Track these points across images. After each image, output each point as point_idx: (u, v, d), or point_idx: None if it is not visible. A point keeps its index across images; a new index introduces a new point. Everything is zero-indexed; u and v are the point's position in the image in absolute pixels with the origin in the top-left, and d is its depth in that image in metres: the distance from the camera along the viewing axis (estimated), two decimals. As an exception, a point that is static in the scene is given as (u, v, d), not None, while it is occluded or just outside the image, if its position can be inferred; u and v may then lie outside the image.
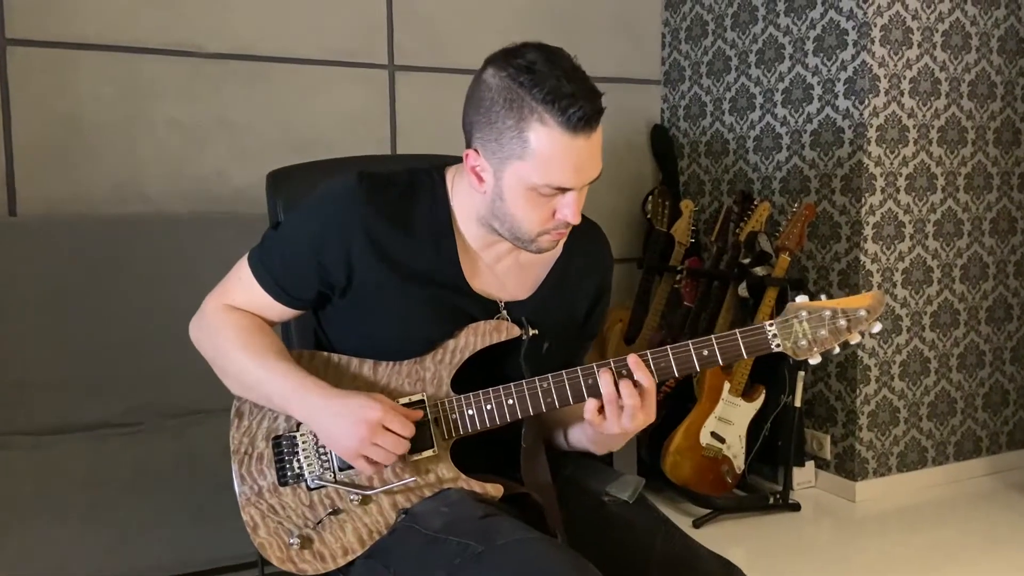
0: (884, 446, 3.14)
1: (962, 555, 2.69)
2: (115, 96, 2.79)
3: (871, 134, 2.97)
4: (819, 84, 3.10)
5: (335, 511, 1.28)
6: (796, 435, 3.02)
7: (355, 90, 3.16)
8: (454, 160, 1.37)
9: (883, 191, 3.02)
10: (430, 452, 1.28)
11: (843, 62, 3.01)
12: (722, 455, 2.97)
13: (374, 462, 1.24)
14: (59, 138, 2.73)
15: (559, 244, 1.34)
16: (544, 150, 1.18)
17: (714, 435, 2.95)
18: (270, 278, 1.33)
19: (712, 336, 1.25)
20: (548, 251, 1.32)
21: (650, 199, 3.51)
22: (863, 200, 2.99)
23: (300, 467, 1.30)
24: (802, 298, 1.27)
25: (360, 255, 1.28)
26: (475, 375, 1.31)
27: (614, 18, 3.64)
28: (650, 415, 1.25)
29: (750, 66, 3.38)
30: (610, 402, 1.23)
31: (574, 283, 1.42)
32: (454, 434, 1.29)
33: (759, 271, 3.01)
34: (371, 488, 1.28)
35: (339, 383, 1.30)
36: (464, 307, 1.33)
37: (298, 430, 1.31)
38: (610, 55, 3.65)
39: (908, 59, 3.01)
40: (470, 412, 1.29)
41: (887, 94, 2.98)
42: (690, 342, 1.25)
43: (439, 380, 1.30)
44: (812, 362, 1.27)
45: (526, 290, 1.38)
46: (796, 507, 3.00)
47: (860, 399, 3.07)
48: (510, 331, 1.32)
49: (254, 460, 1.31)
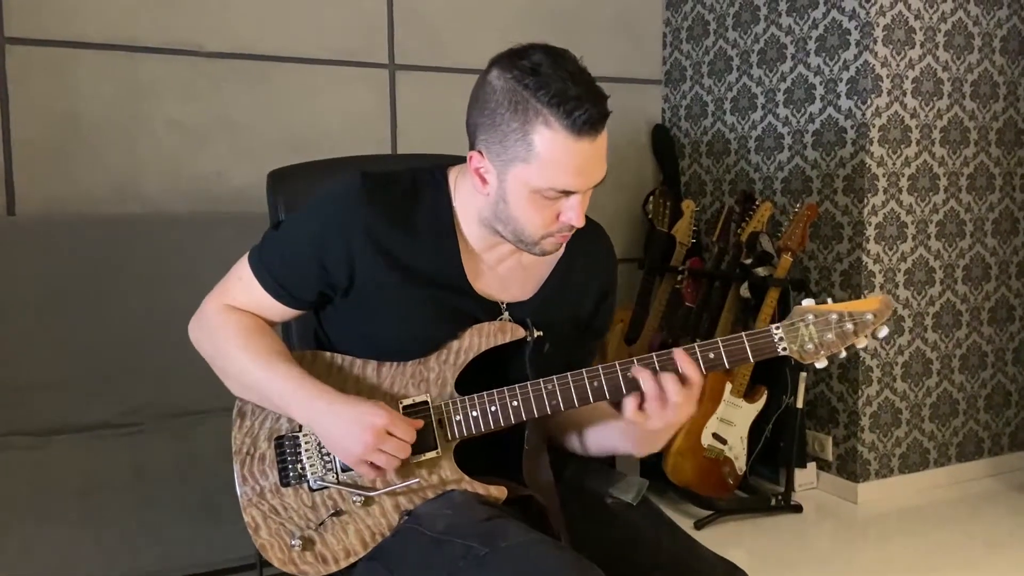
0: (886, 447, 3.13)
1: (964, 557, 2.68)
2: (114, 95, 2.78)
3: (873, 134, 2.96)
4: (821, 84, 3.09)
5: (337, 512, 1.27)
6: (798, 436, 3.01)
7: (356, 90, 3.15)
8: (457, 160, 1.36)
9: (885, 191, 3.01)
10: (433, 453, 1.27)
11: (845, 62, 3.00)
12: (724, 456, 2.96)
13: (377, 468, 1.23)
14: (58, 137, 2.72)
15: (563, 246, 1.33)
16: (549, 153, 1.17)
17: (716, 436, 2.94)
18: (271, 278, 1.32)
19: (718, 339, 1.23)
20: (552, 253, 1.31)
21: (651, 199, 3.50)
22: (865, 200, 2.98)
23: (302, 468, 1.29)
24: (808, 301, 1.26)
25: (362, 256, 1.27)
26: (479, 377, 1.30)
27: (615, 17, 3.63)
28: (693, 407, 1.24)
29: (752, 66, 3.37)
30: (654, 398, 1.21)
31: (577, 283, 1.41)
32: (457, 436, 1.28)
33: (761, 271, 3.00)
34: (374, 489, 1.27)
35: (342, 384, 1.29)
36: (466, 308, 1.32)
37: (300, 431, 1.30)
38: (611, 55, 3.64)
39: (911, 59, 3.00)
40: (474, 414, 1.27)
41: (889, 94, 2.97)
42: (696, 344, 1.24)
43: (443, 381, 1.29)
44: (819, 366, 1.26)
45: (528, 291, 1.37)
46: (798, 509, 2.99)
47: (862, 400, 3.06)
48: (515, 332, 1.31)
49: (256, 461, 1.30)
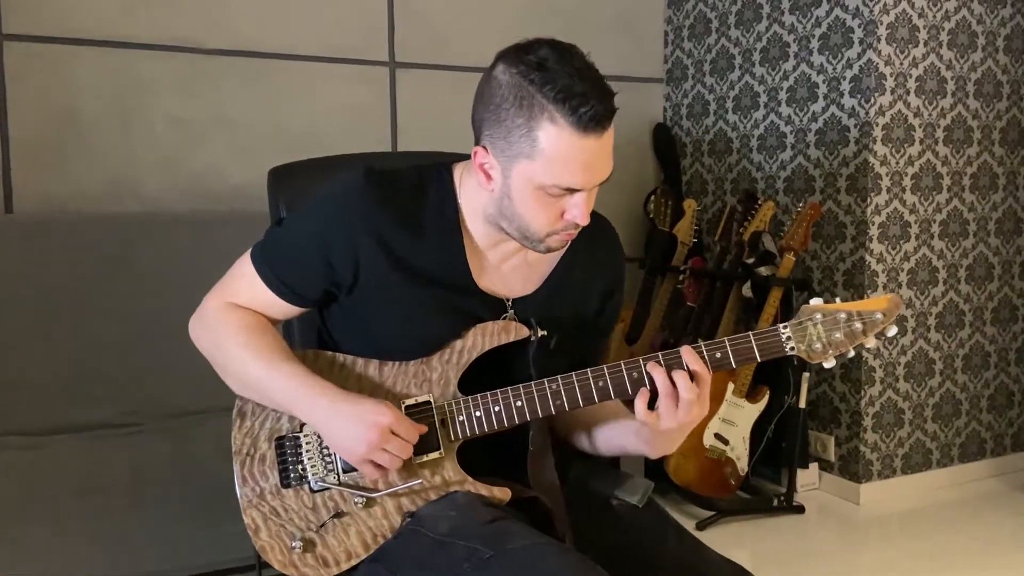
0: (888, 448, 3.11)
1: (967, 558, 2.67)
2: (113, 92, 2.76)
3: (877, 133, 2.94)
4: (824, 83, 3.08)
5: (339, 514, 1.25)
6: (800, 437, 2.99)
7: (356, 87, 3.13)
8: (462, 157, 1.34)
9: (888, 191, 2.99)
10: (436, 454, 1.26)
11: (849, 60, 2.98)
12: (725, 457, 2.94)
13: (380, 467, 1.22)
14: (56, 134, 2.70)
15: (568, 244, 1.31)
16: (553, 150, 1.15)
17: (718, 436, 2.93)
18: (274, 276, 1.30)
19: (724, 338, 1.22)
20: (557, 251, 1.30)
21: (652, 198, 3.48)
22: (868, 200, 2.96)
23: (303, 469, 1.27)
24: (816, 300, 1.24)
25: (367, 254, 1.26)
26: (482, 376, 1.28)
27: (616, 16, 3.61)
28: (704, 406, 1.22)
29: (754, 64, 3.35)
30: (666, 396, 1.20)
31: (582, 278, 1.39)
32: (460, 436, 1.27)
33: (763, 271, 2.98)
34: (376, 490, 1.25)
35: (344, 383, 1.27)
36: (471, 307, 1.30)
37: (301, 431, 1.29)
38: (612, 53, 3.62)
39: (914, 57, 2.98)
40: (477, 414, 1.26)
41: (893, 93, 2.96)
42: (703, 343, 1.22)
43: (446, 381, 1.28)
44: (826, 366, 1.24)
45: (532, 286, 1.35)
46: (800, 509, 2.98)
47: (865, 400, 3.05)
48: (518, 332, 1.29)
49: (256, 461, 1.28)
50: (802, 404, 2.95)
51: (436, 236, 1.29)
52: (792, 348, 1.22)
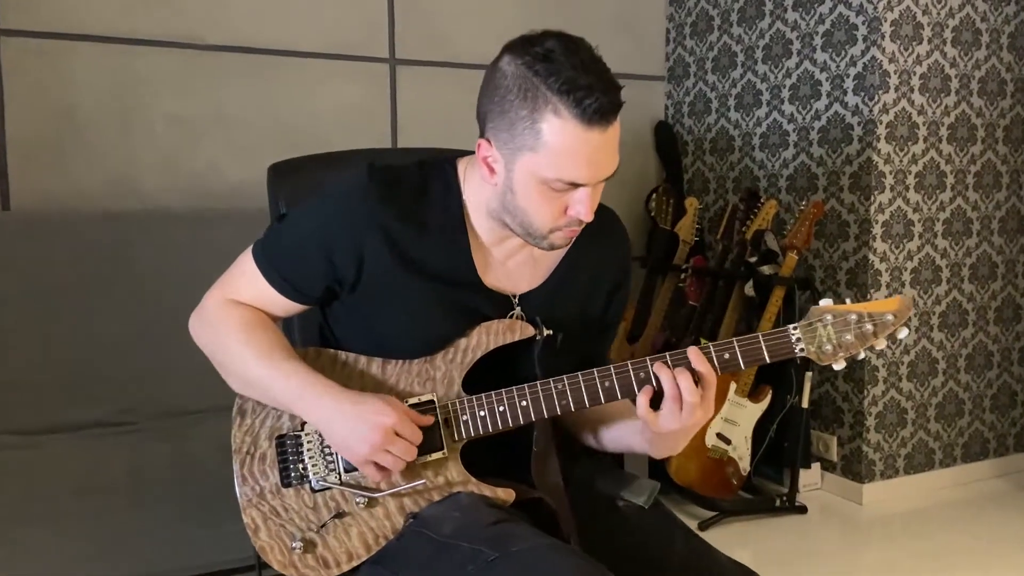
0: (891, 448, 3.10)
1: (970, 558, 2.65)
2: (110, 88, 2.74)
3: (881, 131, 2.93)
4: (828, 80, 3.06)
5: (340, 514, 1.23)
6: (803, 436, 2.97)
7: (355, 84, 3.11)
8: (467, 152, 1.33)
9: (892, 189, 2.98)
10: (439, 454, 1.24)
11: (852, 57, 2.96)
12: (727, 457, 2.92)
13: (383, 468, 1.20)
14: (53, 131, 2.68)
15: (572, 241, 1.29)
16: (557, 143, 1.13)
17: (720, 436, 2.91)
18: (275, 272, 1.28)
19: (733, 339, 1.20)
20: (561, 247, 1.27)
21: (654, 197, 3.46)
22: (872, 198, 2.95)
23: (304, 468, 1.25)
24: (826, 301, 1.23)
25: (371, 252, 1.24)
26: (487, 375, 1.26)
27: (617, 13, 3.59)
28: (708, 410, 1.20)
29: (757, 62, 3.33)
30: (671, 398, 1.18)
31: (589, 272, 1.37)
32: (464, 436, 1.25)
33: (766, 270, 2.96)
34: (378, 491, 1.23)
35: (346, 382, 1.25)
36: (476, 304, 1.28)
37: (303, 429, 1.27)
38: (613, 51, 3.52)
39: (918, 55, 2.96)
40: (481, 414, 1.24)
41: (897, 90, 2.94)
42: (711, 344, 1.20)
43: (450, 380, 1.26)
44: (836, 368, 1.22)
45: (538, 281, 1.33)
46: (802, 510, 2.96)
47: (867, 400, 3.03)
48: (524, 331, 1.27)
49: (256, 460, 1.26)
50: (805, 404, 2.93)
51: (440, 233, 1.27)
52: (802, 349, 1.20)
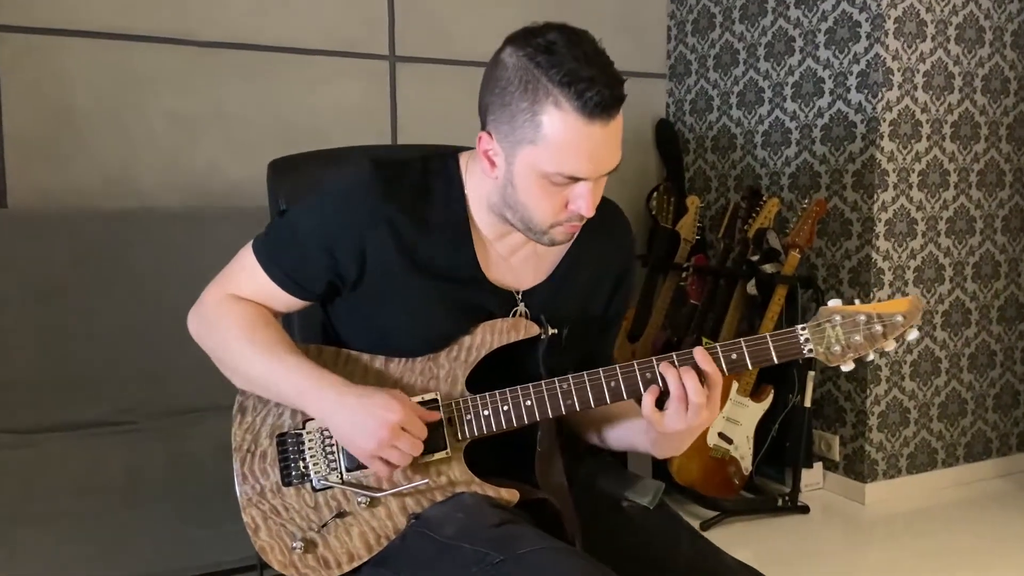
0: (894, 447, 3.08)
1: (972, 558, 2.64)
2: (109, 85, 2.72)
3: (884, 129, 2.91)
4: (830, 77, 3.04)
5: (341, 514, 1.22)
6: (805, 436, 2.96)
7: (355, 81, 3.09)
8: (469, 148, 1.31)
9: (895, 187, 2.96)
10: (443, 454, 1.22)
11: (856, 55, 2.94)
12: (729, 456, 2.91)
13: (390, 463, 1.18)
14: (50, 128, 2.65)
15: (574, 236, 1.27)
16: (557, 135, 1.12)
17: (721, 436, 2.89)
18: (277, 267, 1.26)
19: (741, 339, 1.19)
20: (562, 243, 1.26)
21: (655, 195, 3.45)
22: (875, 196, 2.93)
23: (305, 467, 1.23)
24: (834, 302, 1.21)
25: (374, 248, 1.22)
26: (490, 373, 1.24)
27: (618, 10, 3.57)
28: (714, 410, 1.19)
29: (759, 59, 3.31)
30: (676, 398, 1.16)
31: (592, 267, 1.35)
32: (468, 436, 1.23)
33: (768, 269, 2.94)
34: (380, 490, 1.22)
35: (349, 379, 1.22)
36: (480, 300, 1.27)
37: (304, 427, 1.25)
38: (614, 48, 3.47)
39: (922, 52, 2.95)
40: (485, 413, 1.22)
41: (900, 88, 2.92)
42: (718, 345, 1.19)
43: (454, 379, 1.24)
44: (844, 369, 1.21)
45: (541, 276, 1.32)
46: (805, 509, 2.95)
47: (870, 399, 3.01)
48: (528, 330, 1.26)
49: (257, 458, 1.24)
50: (807, 403, 2.92)
51: (444, 228, 1.25)
52: (810, 350, 1.19)
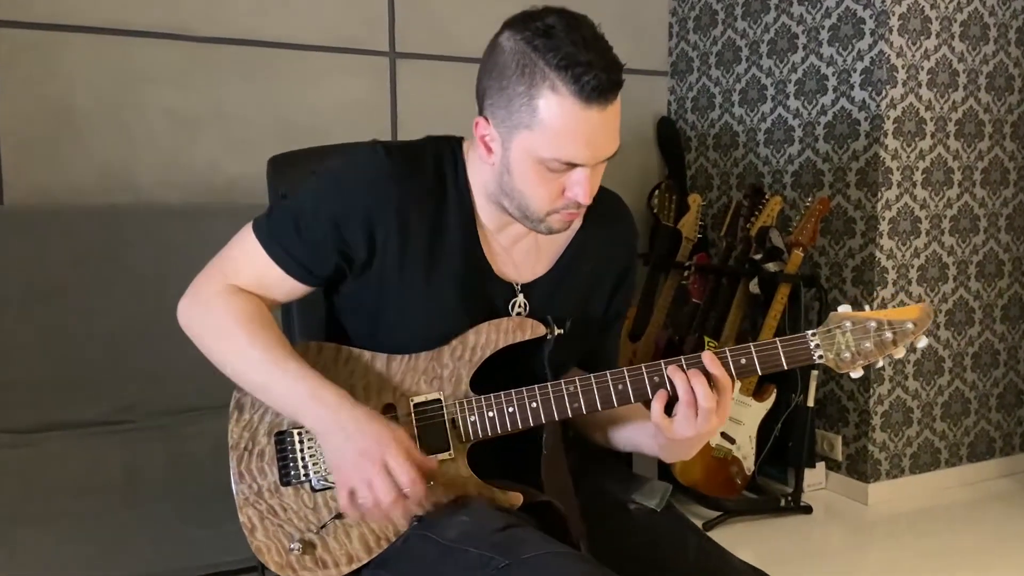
0: (897, 447, 3.06)
1: (976, 558, 2.62)
2: (106, 81, 2.69)
3: (888, 126, 2.89)
4: (834, 75, 3.02)
5: (341, 514, 1.19)
6: (808, 436, 2.94)
7: (356, 78, 3.07)
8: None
9: (899, 185, 2.94)
10: (446, 455, 1.20)
11: (860, 52, 2.92)
12: (732, 456, 2.89)
13: (353, 501, 1.13)
14: (47, 124, 2.63)
15: (572, 225, 1.25)
16: (554, 120, 1.10)
17: (724, 435, 2.87)
18: (283, 251, 1.21)
19: (751, 344, 1.18)
20: (560, 232, 1.23)
21: (656, 193, 3.42)
22: (879, 194, 2.91)
23: (304, 466, 1.21)
24: (844, 307, 1.20)
25: (382, 229, 1.19)
26: (494, 372, 1.22)
27: (619, 7, 3.54)
28: (724, 416, 1.17)
29: (761, 56, 3.29)
30: (686, 403, 1.14)
31: (594, 259, 1.32)
32: (472, 437, 1.20)
33: (771, 267, 2.92)
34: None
35: (349, 378, 1.21)
36: (483, 290, 1.24)
37: (303, 426, 1.22)
38: (615, 45, 3.51)
39: (926, 49, 2.92)
40: (490, 414, 1.20)
41: (904, 85, 2.90)
42: (727, 349, 1.18)
43: (457, 378, 1.21)
44: (854, 376, 1.20)
45: (541, 269, 1.29)
46: (807, 509, 2.93)
47: (873, 399, 2.99)
48: (535, 330, 1.23)
49: (254, 457, 1.22)
50: (810, 403, 2.90)
51: (450, 215, 1.23)
52: (820, 356, 1.18)
